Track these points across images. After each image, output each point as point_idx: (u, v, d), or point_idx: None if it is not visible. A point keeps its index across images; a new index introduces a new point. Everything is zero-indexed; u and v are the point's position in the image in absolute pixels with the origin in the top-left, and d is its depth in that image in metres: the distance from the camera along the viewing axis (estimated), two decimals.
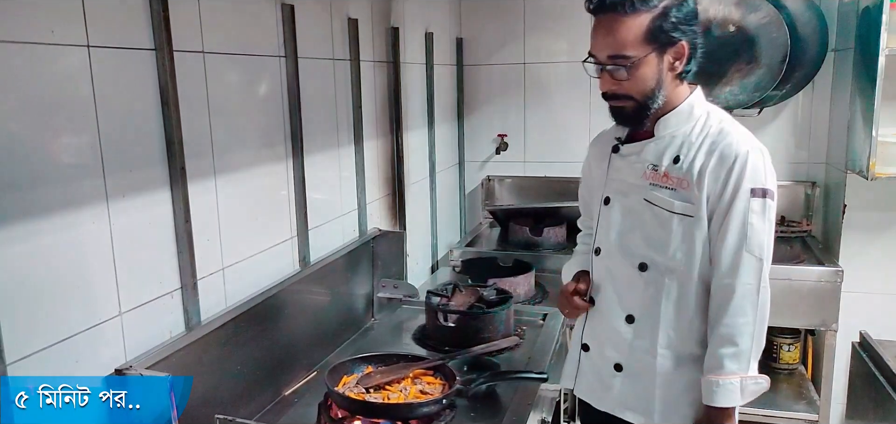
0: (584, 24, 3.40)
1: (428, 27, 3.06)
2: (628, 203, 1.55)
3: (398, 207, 2.72)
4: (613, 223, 1.57)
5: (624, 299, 1.56)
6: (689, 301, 1.50)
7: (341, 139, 2.29)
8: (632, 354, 1.56)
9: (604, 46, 1.42)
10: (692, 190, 1.45)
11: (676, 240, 1.48)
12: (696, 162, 1.45)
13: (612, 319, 1.59)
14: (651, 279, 1.52)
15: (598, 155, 1.66)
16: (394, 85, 2.65)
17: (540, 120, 3.61)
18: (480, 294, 2.17)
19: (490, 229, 3.53)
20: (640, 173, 1.52)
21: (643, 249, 1.52)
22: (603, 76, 1.46)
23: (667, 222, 1.48)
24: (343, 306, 2.21)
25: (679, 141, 1.49)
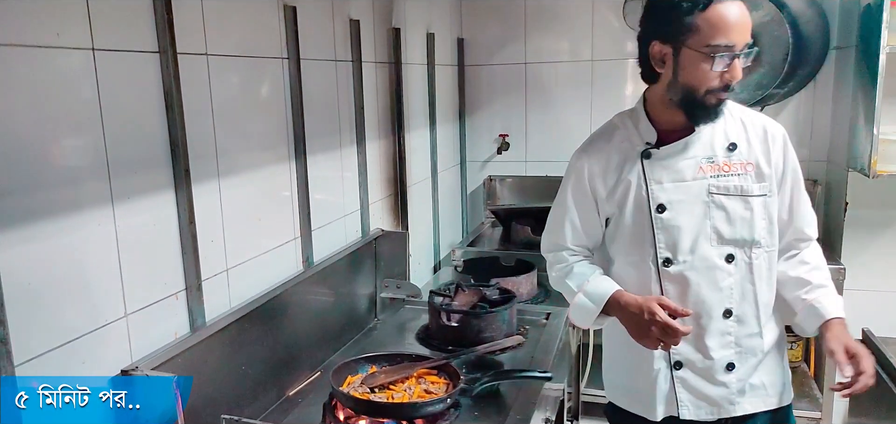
0: (584, 23, 3.45)
1: (429, 28, 3.07)
2: (692, 202, 1.51)
3: (400, 207, 2.73)
4: (683, 227, 1.51)
5: (718, 296, 1.53)
6: (773, 271, 1.56)
7: (343, 140, 2.29)
8: (741, 346, 1.56)
9: (743, 34, 1.39)
10: (760, 171, 1.51)
11: (759, 220, 1.51)
12: (753, 147, 1.51)
13: (710, 322, 1.54)
14: (739, 266, 1.52)
15: (613, 166, 1.55)
16: (395, 86, 2.66)
17: (541, 120, 3.61)
18: (483, 294, 2.18)
19: (492, 229, 3.54)
20: (694, 169, 1.51)
21: (726, 240, 1.51)
22: (733, 67, 1.39)
23: (748, 206, 1.50)
24: (346, 306, 2.22)
25: (721, 130, 1.52)
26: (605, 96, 3.51)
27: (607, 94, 3.50)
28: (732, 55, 1.38)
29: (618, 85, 3.50)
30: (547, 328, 2.17)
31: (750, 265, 1.52)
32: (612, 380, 1.76)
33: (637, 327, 1.48)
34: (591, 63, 3.50)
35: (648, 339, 1.46)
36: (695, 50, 1.39)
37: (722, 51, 1.37)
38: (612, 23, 3.42)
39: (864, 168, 2.69)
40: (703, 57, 1.38)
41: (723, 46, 1.37)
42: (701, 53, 1.38)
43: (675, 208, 1.51)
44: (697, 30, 1.38)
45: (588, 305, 1.57)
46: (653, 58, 1.47)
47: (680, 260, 1.52)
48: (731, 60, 1.38)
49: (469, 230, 3.62)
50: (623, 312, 1.51)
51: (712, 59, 1.37)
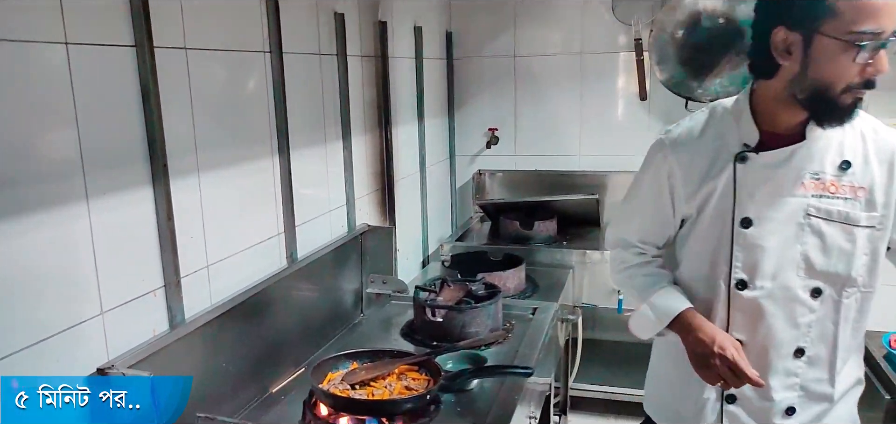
0: (574, 15, 3.44)
1: (416, 21, 3.05)
2: (784, 221, 1.31)
3: (388, 202, 2.72)
4: (768, 248, 1.31)
5: (793, 333, 1.34)
6: (867, 316, 1.37)
7: (328, 135, 2.28)
8: (807, 390, 1.37)
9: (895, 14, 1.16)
10: (871, 199, 1.29)
11: (860, 255, 1.30)
12: (871, 169, 1.29)
13: (779, 359, 1.36)
14: (825, 303, 1.33)
15: (700, 165, 1.36)
16: (382, 79, 2.64)
17: (531, 113, 3.60)
18: (469, 289, 2.17)
19: (481, 224, 3.53)
20: (794, 183, 1.30)
21: (816, 272, 1.31)
22: (881, 55, 1.17)
23: (850, 237, 1.29)
24: (331, 302, 2.21)
25: (837, 143, 1.30)
26: (595, 90, 3.50)
27: (598, 87, 3.50)
28: (879, 43, 1.15)
29: (608, 78, 3.49)
30: (533, 322, 2.16)
31: (838, 305, 1.32)
32: (654, 395, 1.60)
33: (701, 358, 1.32)
34: (581, 56, 3.49)
35: (709, 372, 1.31)
36: (833, 37, 1.16)
37: (868, 38, 1.13)
38: (602, 15, 3.40)
39: None
40: (844, 46, 1.15)
41: (869, 33, 1.13)
42: (842, 41, 1.15)
43: (763, 225, 1.31)
44: (838, 13, 1.15)
45: (652, 318, 1.41)
46: (775, 47, 1.23)
47: (757, 286, 1.33)
48: (876, 49, 1.15)
49: (458, 225, 3.61)
50: (690, 335, 1.35)
51: (856, 48, 1.14)
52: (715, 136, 1.35)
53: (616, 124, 3.50)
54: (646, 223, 1.48)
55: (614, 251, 1.57)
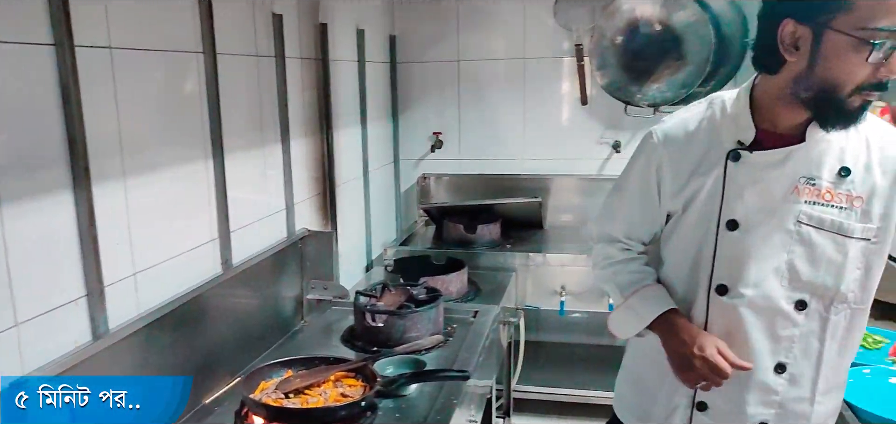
0: (517, 20, 3.47)
1: (359, 24, 3.02)
2: (773, 228, 1.23)
3: (329, 206, 2.68)
4: (753, 254, 1.23)
5: (773, 346, 1.27)
6: (857, 335, 1.29)
7: (266, 138, 2.23)
8: (785, 409, 1.30)
9: None
10: (868, 210, 1.21)
11: (851, 268, 1.22)
12: (872, 177, 1.21)
13: (757, 372, 1.27)
14: (810, 318, 1.25)
15: (691, 160, 1.29)
16: (323, 83, 2.60)
17: (475, 117, 3.62)
18: (410, 293, 2.16)
19: (425, 228, 3.52)
20: (787, 188, 1.22)
21: (802, 283, 1.23)
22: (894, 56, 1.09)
23: (842, 249, 1.21)
24: (270, 308, 2.16)
25: (837, 148, 1.21)
26: (538, 94, 3.54)
27: (540, 92, 3.54)
28: (894, 44, 1.07)
29: (550, 83, 3.54)
30: (474, 325, 2.16)
31: (825, 321, 1.24)
32: (624, 395, 1.53)
33: (681, 358, 1.25)
34: (524, 61, 3.53)
35: (690, 373, 1.24)
36: (846, 33, 1.07)
37: (884, 36, 1.05)
38: (544, 21, 3.45)
39: None
40: (857, 43, 1.07)
41: (886, 31, 1.05)
42: (854, 37, 1.07)
43: (750, 229, 1.24)
44: (853, 7, 1.07)
45: (633, 317, 1.35)
46: (782, 41, 1.14)
47: (738, 292, 1.25)
48: (892, 49, 1.07)
49: (402, 229, 3.60)
50: (671, 336, 1.29)
51: (870, 47, 1.06)
52: (709, 130, 1.28)
53: (558, 128, 3.55)
54: (632, 218, 1.41)
55: (598, 246, 1.48)
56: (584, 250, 2.97)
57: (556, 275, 2.87)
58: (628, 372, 1.53)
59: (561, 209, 3.43)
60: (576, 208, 3.48)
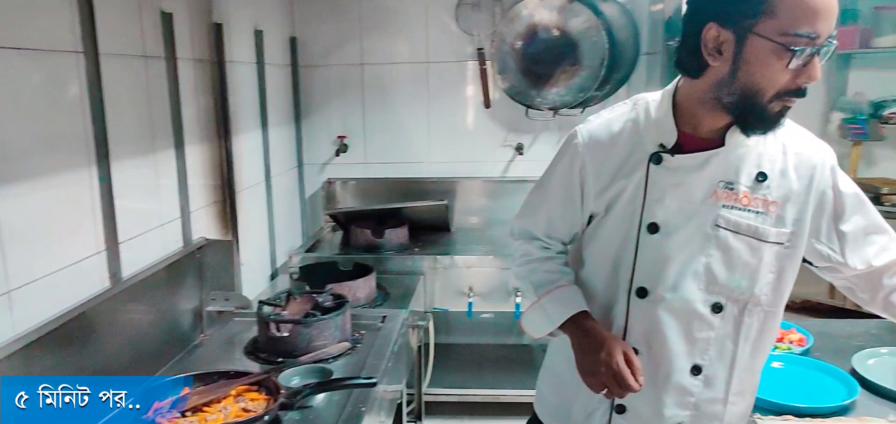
0: (419, 24, 3.48)
1: (257, 24, 2.93)
2: (693, 231, 1.23)
3: (230, 214, 2.57)
4: (672, 257, 1.24)
5: (690, 348, 1.27)
6: (769, 338, 1.31)
7: (158, 144, 2.11)
8: (698, 409, 1.30)
9: (829, 23, 1.08)
10: (782, 215, 1.23)
11: (765, 272, 1.24)
12: (788, 183, 1.23)
13: (674, 374, 1.28)
14: (726, 321, 1.26)
15: (613, 162, 1.28)
16: (219, 85, 2.50)
17: (380, 121, 3.60)
18: (316, 301, 2.10)
19: (332, 233, 3.46)
20: (707, 191, 1.22)
21: (720, 286, 1.24)
22: (813, 63, 1.09)
23: (757, 253, 1.23)
24: (167, 323, 2.04)
25: (755, 153, 1.22)
26: (442, 98, 3.57)
27: (445, 96, 3.57)
28: (814, 50, 1.08)
29: (455, 87, 3.57)
30: (382, 331, 2.14)
31: (739, 323, 1.26)
32: (544, 395, 1.51)
33: (588, 362, 1.24)
34: (427, 65, 3.55)
35: (594, 378, 1.23)
36: (767, 39, 1.08)
37: (804, 42, 1.06)
38: (447, 25, 3.48)
39: None
40: (778, 49, 1.07)
41: (805, 37, 1.06)
42: (776, 43, 1.07)
43: (670, 232, 1.24)
44: (774, 12, 1.07)
45: (544, 317, 1.33)
46: (705, 44, 1.13)
47: (657, 295, 1.25)
48: (811, 55, 1.08)
49: (308, 235, 3.51)
50: (580, 337, 1.28)
51: (791, 53, 1.07)
52: (633, 132, 1.27)
53: (463, 131, 3.59)
54: (553, 217, 1.39)
55: (518, 242, 1.46)
56: (490, 252, 3.02)
57: (464, 277, 2.90)
58: (549, 372, 1.51)
59: (467, 212, 3.47)
60: (482, 211, 3.53)
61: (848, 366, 1.66)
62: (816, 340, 1.82)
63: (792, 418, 1.46)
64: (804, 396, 1.53)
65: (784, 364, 1.70)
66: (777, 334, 1.34)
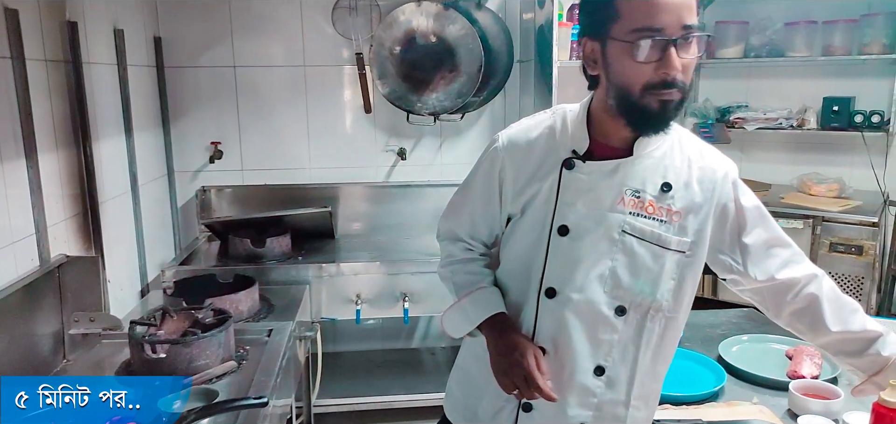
0: (294, 27, 3.39)
1: (116, 23, 2.72)
2: (601, 236, 1.28)
3: (92, 227, 2.36)
4: (580, 260, 1.29)
5: (594, 349, 1.32)
6: (670, 345, 1.37)
7: (6, 153, 1.90)
8: (601, 410, 1.35)
9: (677, 13, 1.14)
10: (684, 225, 1.28)
11: (666, 279, 1.29)
12: (691, 195, 1.29)
13: (578, 374, 1.33)
14: (629, 324, 1.31)
15: (530, 166, 1.34)
16: (76, 88, 2.29)
17: (257, 126, 3.46)
18: (195, 318, 1.98)
19: (209, 244, 3.28)
20: (614, 198, 1.28)
21: (624, 290, 1.29)
22: (669, 55, 1.14)
23: (658, 259, 1.28)
24: (23, 350, 1.84)
25: (661, 164, 1.29)
26: (321, 103, 3.50)
27: (323, 100, 3.50)
28: (664, 41, 1.13)
29: (333, 91, 3.51)
30: (269, 345, 2.06)
31: (641, 328, 1.31)
32: (453, 394, 1.54)
33: (501, 363, 1.30)
34: (304, 69, 3.46)
35: (505, 378, 1.28)
36: (619, 40, 1.16)
37: (646, 36, 1.14)
38: (324, 29, 3.41)
39: None
40: (627, 47, 1.15)
41: (648, 31, 1.14)
42: (624, 41, 1.15)
43: (579, 235, 1.29)
44: (621, 15, 1.16)
45: (463, 318, 1.38)
46: (585, 57, 1.25)
47: (565, 296, 1.30)
48: (663, 48, 1.14)
49: (182, 247, 3.31)
50: (496, 338, 1.32)
51: (637, 46, 1.14)
52: (549, 138, 1.34)
53: (344, 136, 3.54)
54: (475, 219, 1.44)
55: (442, 244, 1.51)
56: (376, 257, 3.00)
57: (351, 284, 2.86)
58: (459, 371, 1.54)
59: (351, 218, 3.42)
60: (366, 216, 3.50)
61: (714, 354, 1.81)
62: (685, 330, 1.97)
63: (669, 406, 1.57)
64: (679, 385, 1.65)
65: None
66: (677, 342, 1.40)
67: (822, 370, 1.71)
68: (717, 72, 4.68)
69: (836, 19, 4.27)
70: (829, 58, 4.32)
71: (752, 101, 4.60)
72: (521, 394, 1.26)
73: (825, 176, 4.30)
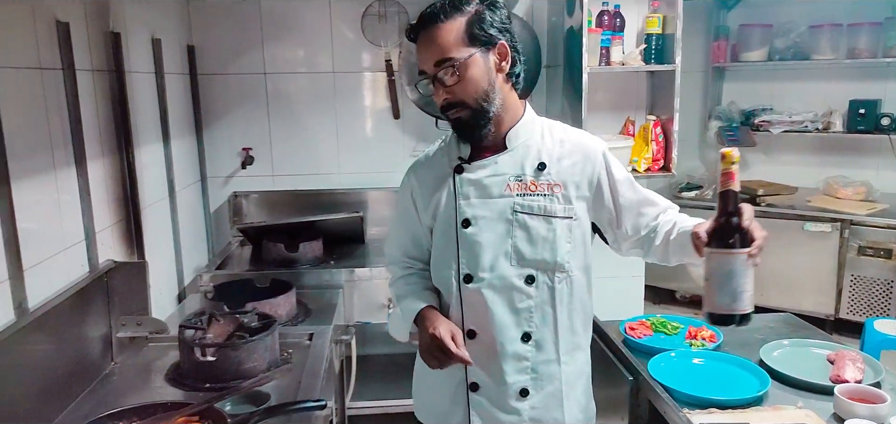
0: (324, 35, 3.43)
1: (154, 33, 2.78)
2: (497, 218, 1.51)
3: (135, 232, 2.42)
4: (484, 244, 1.51)
5: (516, 318, 1.53)
6: (580, 297, 1.56)
7: (59, 160, 1.95)
8: (538, 373, 1.55)
9: (429, 57, 1.45)
10: (567, 193, 1.50)
11: (562, 242, 1.50)
12: (563, 168, 1.51)
13: (508, 344, 1.53)
14: (540, 289, 1.52)
15: (430, 181, 1.59)
16: (119, 96, 2.35)
17: (286, 132, 3.51)
18: (240, 322, 2.02)
19: (241, 249, 3.33)
20: (502, 185, 1.51)
21: (526, 261, 1.51)
22: (436, 87, 1.46)
23: (551, 227, 1.49)
24: (74, 354, 1.88)
25: (535, 150, 1.52)
26: (348, 108, 3.55)
27: (350, 106, 3.55)
28: (429, 78, 1.47)
29: (362, 97, 3.56)
30: (311, 349, 2.09)
31: (552, 290, 1.52)
32: (417, 394, 1.77)
33: (423, 344, 1.52)
34: (334, 75, 3.51)
35: (430, 356, 1.49)
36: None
37: (420, 77, 1.49)
38: (353, 36, 3.45)
39: None
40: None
41: (419, 72, 1.49)
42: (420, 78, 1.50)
43: (479, 224, 1.51)
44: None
45: (401, 320, 1.61)
46: None
47: (479, 277, 1.52)
48: (432, 82, 1.47)
49: (216, 252, 3.36)
50: (421, 328, 1.54)
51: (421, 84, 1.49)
52: (443, 154, 1.59)
53: (373, 142, 3.58)
54: (403, 239, 1.69)
55: (388, 267, 1.76)
56: None
57: (382, 288, 2.89)
58: (416, 375, 1.76)
59: (379, 222, 3.46)
60: None
61: (756, 358, 1.82)
62: (725, 335, 1.99)
63: (716, 410, 1.58)
64: (723, 389, 1.67)
65: (704, 360, 1.85)
66: (589, 297, 1.59)
67: (865, 374, 1.71)
68: (741, 75, 4.68)
69: (861, 22, 4.26)
70: (854, 61, 4.31)
71: (776, 104, 4.60)
72: (441, 364, 1.46)
73: (852, 179, 4.29)
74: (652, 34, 3.17)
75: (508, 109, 1.51)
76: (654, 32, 3.17)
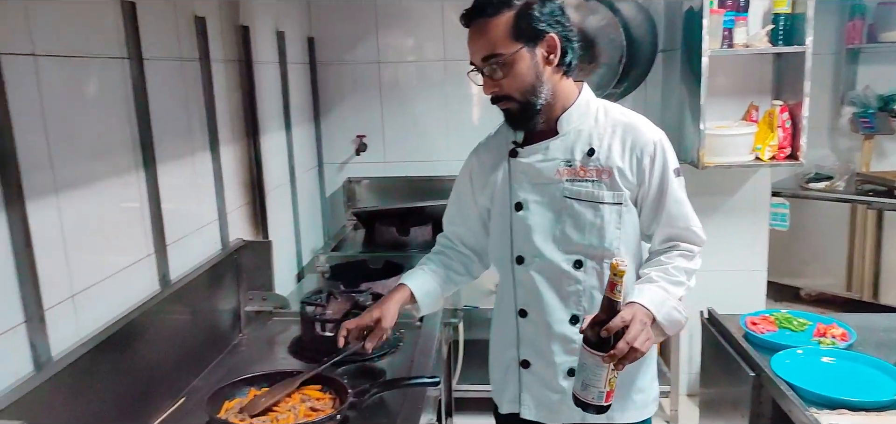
0: (435, 23, 3.49)
1: (278, 25, 2.94)
2: (547, 203, 1.54)
3: (260, 214, 2.58)
4: (536, 227, 1.55)
5: (564, 301, 1.56)
6: (629, 282, 1.50)
7: (195, 145, 2.12)
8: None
9: (478, 50, 1.48)
10: (614, 179, 1.50)
11: (611, 228, 1.51)
12: (613, 153, 1.50)
13: (556, 325, 1.57)
14: (589, 274, 1.54)
15: (489, 164, 1.63)
16: (247, 85, 2.51)
17: (398, 119, 3.61)
18: (356, 300, 2.11)
19: (354, 232, 3.47)
20: (552, 170, 1.53)
21: (576, 245, 1.53)
22: (484, 80, 1.50)
23: (598, 213, 1.50)
24: (208, 324, 2.05)
25: (586, 134, 1.52)
26: (457, 96, 3.59)
27: (460, 93, 3.58)
28: (477, 71, 1.50)
29: (472, 85, 3.56)
30: (422, 330, 2.15)
31: (600, 274, 1.53)
32: (489, 372, 1.83)
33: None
34: (444, 62, 3.56)
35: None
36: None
37: (471, 69, 1.52)
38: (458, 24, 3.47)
39: (694, 161, 2.97)
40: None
41: (470, 63, 1.52)
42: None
43: (531, 207, 1.55)
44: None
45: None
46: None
47: (530, 260, 1.56)
48: (480, 74, 1.50)
49: (331, 235, 3.53)
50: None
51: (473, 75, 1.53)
52: (501, 138, 1.63)
53: (480, 129, 3.55)
54: (452, 213, 1.78)
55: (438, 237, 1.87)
56: None
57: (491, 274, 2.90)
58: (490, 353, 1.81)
59: None
60: None
61: (893, 359, 1.69)
62: (859, 334, 1.85)
63: (847, 411, 1.48)
64: (856, 390, 1.55)
65: (834, 359, 1.73)
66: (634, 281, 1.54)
67: None
68: (879, 57, 4.28)
69: None
70: None
71: None
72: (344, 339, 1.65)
73: None
74: (780, 14, 2.98)
75: (559, 97, 1.51)
76: (783, 12, 2.97)
